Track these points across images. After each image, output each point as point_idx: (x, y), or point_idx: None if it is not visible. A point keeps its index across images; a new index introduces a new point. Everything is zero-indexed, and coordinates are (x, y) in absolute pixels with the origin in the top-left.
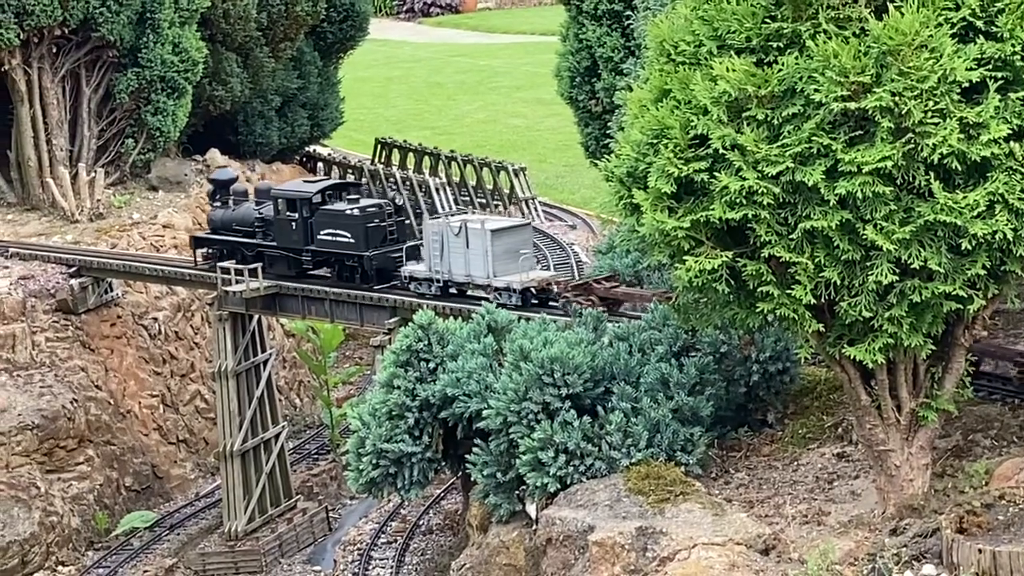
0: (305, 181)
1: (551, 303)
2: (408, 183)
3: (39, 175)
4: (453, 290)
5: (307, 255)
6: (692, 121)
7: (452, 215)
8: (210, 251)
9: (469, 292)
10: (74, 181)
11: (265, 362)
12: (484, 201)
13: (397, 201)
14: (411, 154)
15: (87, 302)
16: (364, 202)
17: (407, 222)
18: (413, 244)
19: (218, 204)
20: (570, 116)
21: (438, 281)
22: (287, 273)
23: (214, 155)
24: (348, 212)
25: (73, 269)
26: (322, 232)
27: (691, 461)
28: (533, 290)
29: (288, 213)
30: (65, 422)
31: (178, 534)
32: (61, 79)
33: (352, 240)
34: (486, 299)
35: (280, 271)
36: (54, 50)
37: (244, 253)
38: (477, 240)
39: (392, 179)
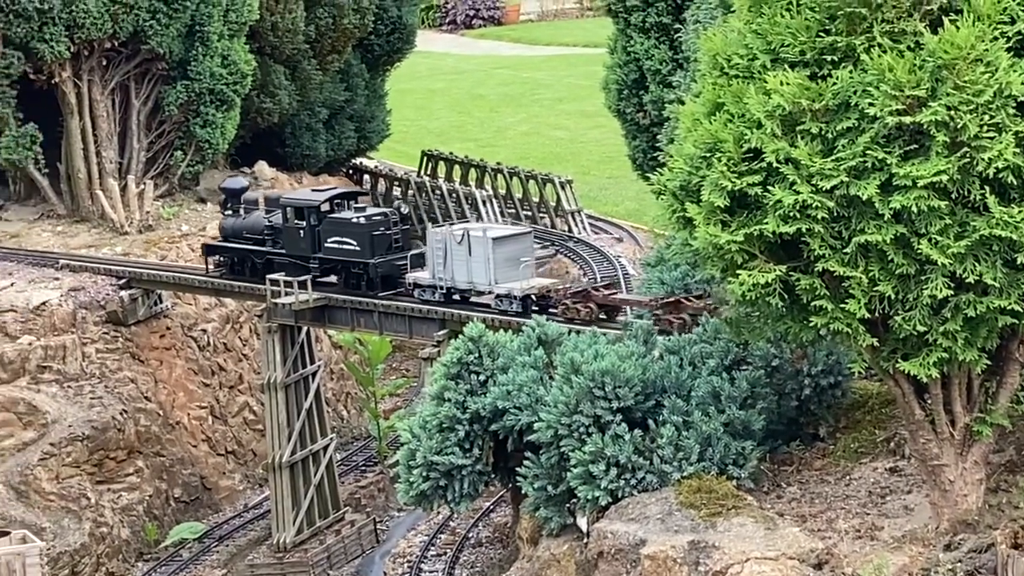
0: (313, 190)
1: (551, 310)
2: (454, 195)
3: (89, 187)
4: (456, 297)
5: (315, 262)
6: (746, 135)
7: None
8: (221, 259)
9: (472, 299)
10: (123, 193)
11: (314, 374)
12: (530, 213)
13: (402, 210)
14: (457, 166)
15: (137, 314)
16: (370, 211)
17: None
18: (417, 252)
19: (229, 212)
20: (613, 128)
21: (441, 288)
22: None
23: (262, 167)
24: (354, 220)
25: (123, 281)
26: (329, 240)
27: (743, 475)
28: (533, 297)
29: (296, 221)
30: (115, 433)
31: (227, 545)
32: (111, 91)
33: (358, 248)
34: (488, 305)
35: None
36: (104, 63)
37: (254, 261)
38: (479, 248)
39: (438, 191)
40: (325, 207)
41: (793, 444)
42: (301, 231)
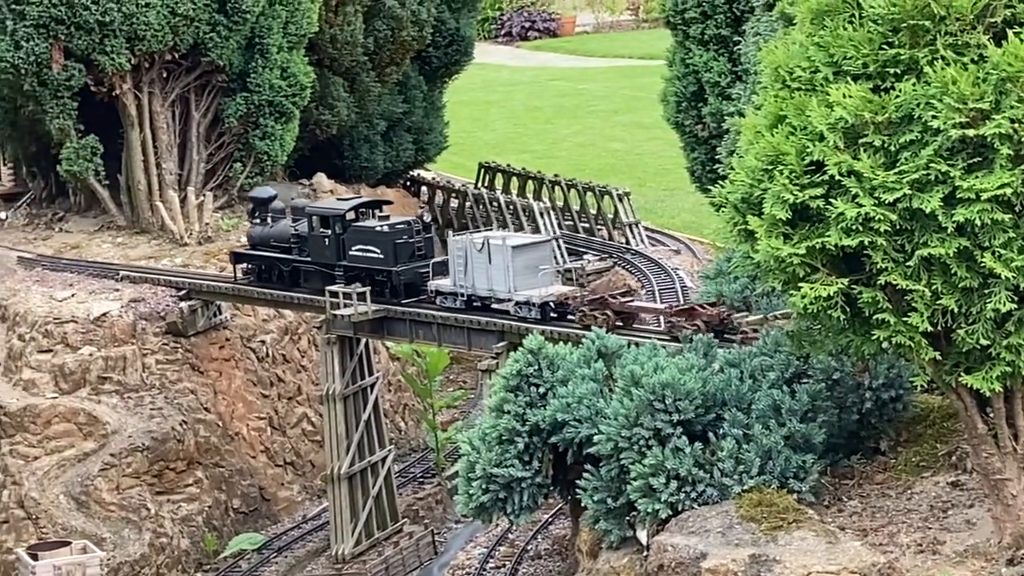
0: (339, 199)
1: (569, 317)
2: (512, 207)
3: (148, 199)
4: (477, 304)
5: (339, 270)
6: (808, 147)
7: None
8: (249, 266)
9: (493, 306)
10: (183, 204)
11: (372, 385)
12: (587, 225)
13: (425, 218)
14: (515, 178)
15: (196, 325)
16: (393, 219)
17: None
18: (440, 260)
19: (257, 221)
20: (669, 140)
21: (462, 295)
22: (321, 288)
23: (320, 179)
24: (378, 229)
25: (182, 292)
26: (353, 248)
27: (804, 488)
28: (552, 304)
29: (322, 229)
30: (175, 444)
31: (285, 556)
32: (171, 103)
33: (382, 256)
34: (507, 312)
35: (314, 286)
36: (164, 75)
37: (281, 269)
38: (499, 256)
39: (496, 203)
40: (350, 216)
41: (854, 458)
42: (326, 239)
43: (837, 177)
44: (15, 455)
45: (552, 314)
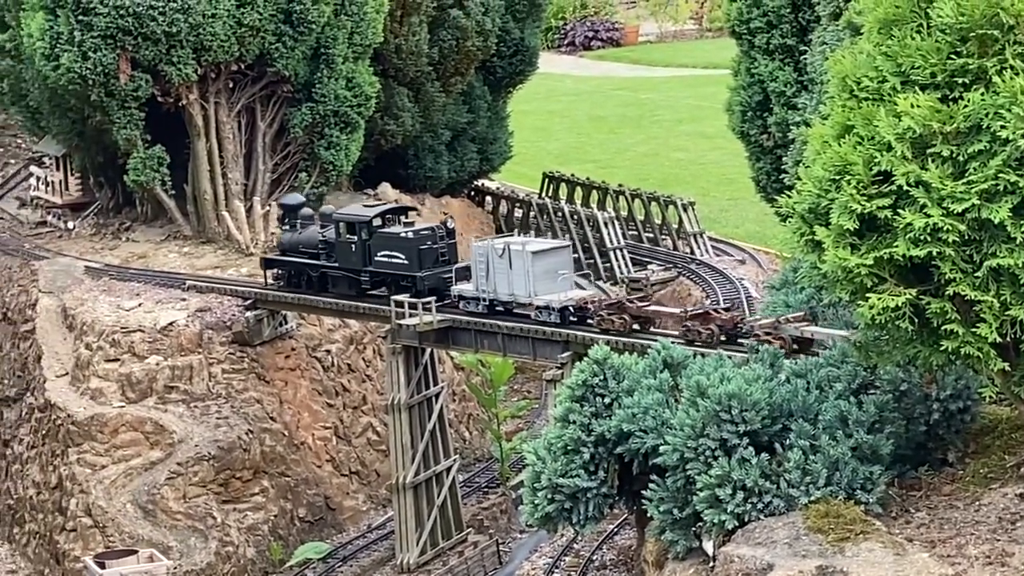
0: (365, 205)
1: (588, 321)
2: (576, 217)
3: (215, 208)
4: (500, 308)
5: (365, 276)
6: (875, 157)
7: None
8: (279, 272)
9: (515, 310)
10: (249, 214)
11: (437, 395)
12: (652, 235)
13: (448, 225)
14: (579, 188)
15: (262, 334)
16: (418, 225)
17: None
18: (462, 265)
19: (287, 228)
20: (733, 150)
21: (484, 300)
22: (348, 293)
23: (385, 189)
24: (402, 235)
25: (248, 302)
26: (379, 254)
27: (871, 500)
28: (571, 308)
29: (348, 236)
30: (241, 453)
31: (351, 566)
32: (237, 114)
33: (406, 261)
34: (528, 316)
35: (341, 291)
36: (230, 85)
37: (309, 274)
38: (519, 261)
39: (560, 213)
40: (376, 222)
41: (921, 469)
42: (353, 245)
43: (905, 187)
44: (83, 464)
45: (572, 318)
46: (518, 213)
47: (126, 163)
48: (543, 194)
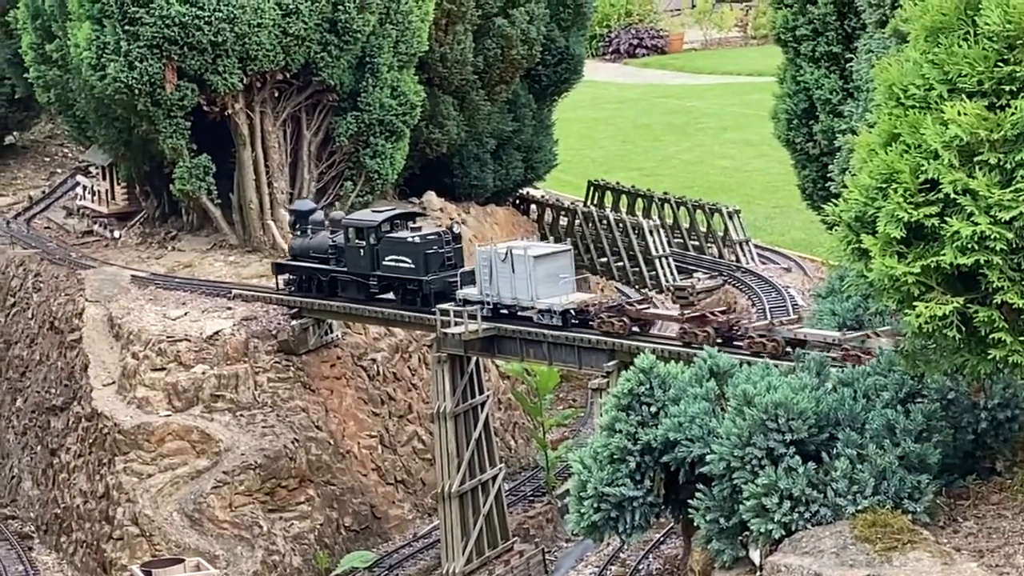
0: (373, 211)
1: (589, 324)
2: (621, 225)
3: (260, 217)
4: (504, 311)
5: (373, 280)
6: (922, 165)
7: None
8: (290, 277)
9: (518, 313)
10: None
11: (483, 404)
12: (697, 243)
13: (455, 229)
14: (624, 196)
15: (307, 343)
16: (425, 230)
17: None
18: (467, 269)
19: (298, 233)
20: (778, 157)
21: (488, 303)
22: (357, 297)
23: (430, 197)
24: (409, 240)
25: (294, 310)
26: (387, 258)
27: (918, 509)
28: (572, 311)
29: (357, 241)
30: (287, 462)
31: (396, 574)
32: (282, 123)
33: (413, 266)
34: (531, 319)
35: (351, 295)
36: (276, 94)
37: (320, 279)
38: (521, 265)
39: (605, 221)
40: (384, 227)
41: (969, 478)
42: (361, 250)
43: (952, 195)
44: (129, 472)
45: (573, 321)
46: (563, 221)
47: (172, 172)
48: (588, 202)
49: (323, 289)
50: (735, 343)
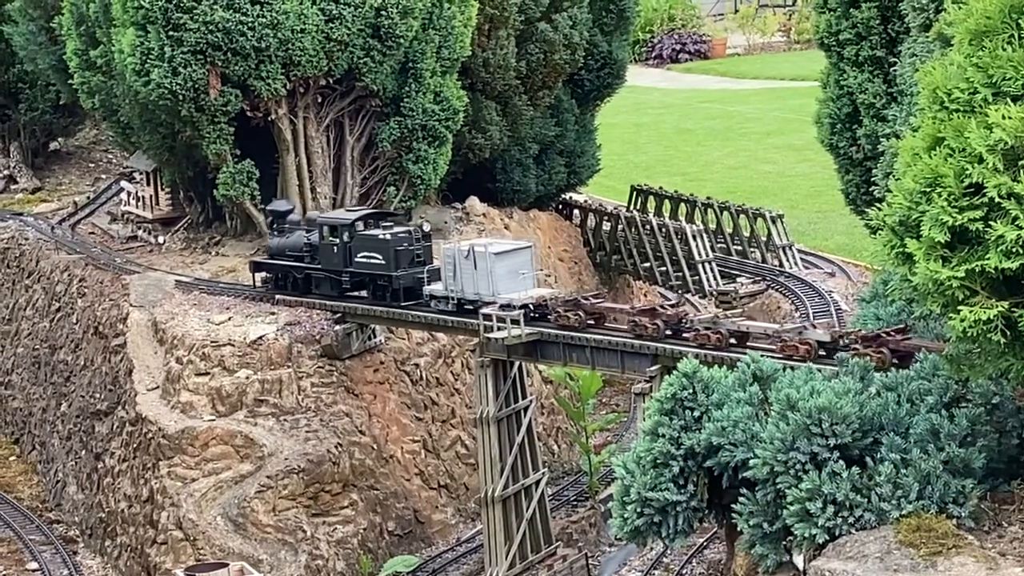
0: (347, 210)
1: (548, 318)
2: (664, 230)
3: None
4: (468, 307)
5: (346, 276)
6: (967, 169)
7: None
8: (267, 275)
9: (483, 309)
10: None
11: (526, 408)
12: (741, 248)
13: (425, 228)
14: (667, 201)
15: (351, 348)
16: (396, 228)
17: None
18: (435, 266)
19: (275, 233)
20: (821, 162)
21: (452, 299)
22: (330, 293)
23: (473, 203)
24: (380, 237)
25: (337, 315)
26: (359, 255)
27: (963, 514)
28: (531, 306)
29: (331, 238)
30: (330, 466)
31: None
32: (325, 128)
33: (383, 262)
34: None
35: (325, 291)
36: (319, 100)
37: (295, 276)
38: (483, 262)
39: (648, 226)
40: (358, 225)
41: (1014, 483)
42: (335, 247)
43: (997, 199)
44: (173, 477)
45: (532, 315)
46: (606, 226)
47: (216, 178)
48: (631, 207)
49: (298, 286)
50: (683, 335)
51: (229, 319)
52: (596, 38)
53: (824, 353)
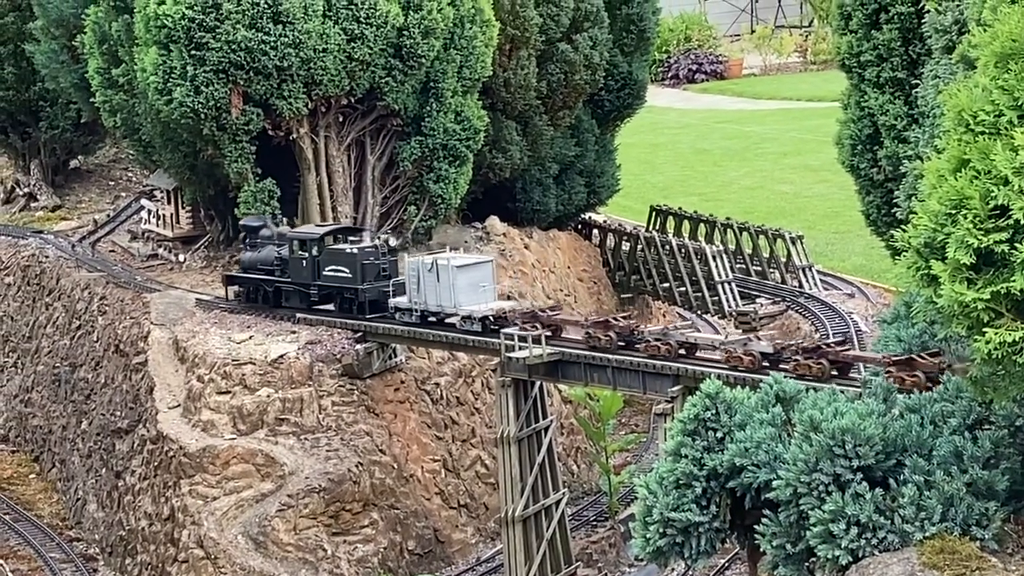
0: (317, 225)
1: (504, 329)
2: (684, 250)
3: None
4: (432, 319)
5: (314, 289)
6: (992, 191)
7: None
8: (240, 288)
9: (446, 320)
10: None
11: (547, 428)
12: (760, 268)
13: (391, 243)
14: (686, 221)
15: (371, 367)
16: (363, 243)
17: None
18: (400, 280)
19: (247, 247)
20: (838, 183)
21: (416, 311)
22: (299, 306)
23: (493, 222)
24: (347, 251)
25: (358, 334)
26: (327, 269)
27: (987, 536)
28: (491, 318)
29: (300, 252)
30: (351, 485)
31: None
32: (347, 147)
33: (350, 275)
34: (454, 326)
35: (293, 304)
36: (340, 119)
37: (266, 289)
38: (445, 275)
39: (667, 246)
40: (326, 240)
41: None
42: (304, 261)
43: (1022, 221)
44: (194, 495)
45: (492, 326)
46: (625, 246)
47: (237, 196)
48: (650, 227)
49: (268, 299)
50: (635, 346)
51: (250, 337)
52: (616, 58)
53: (767, 364)
